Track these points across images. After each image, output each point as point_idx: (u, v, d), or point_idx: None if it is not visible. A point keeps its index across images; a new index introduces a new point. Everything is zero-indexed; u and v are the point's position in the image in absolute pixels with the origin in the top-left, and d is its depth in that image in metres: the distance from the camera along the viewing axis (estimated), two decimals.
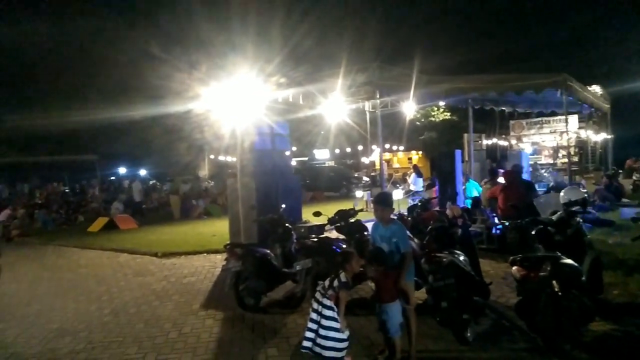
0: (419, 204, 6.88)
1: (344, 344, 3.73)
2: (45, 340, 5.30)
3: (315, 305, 3.79)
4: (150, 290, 7.33)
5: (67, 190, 26.22)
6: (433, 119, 34.02)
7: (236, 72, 10.26)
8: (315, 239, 6.27)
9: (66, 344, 5.16)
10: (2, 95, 34.52)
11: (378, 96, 12.16)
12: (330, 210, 7.00)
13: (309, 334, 3.74)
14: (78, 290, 7.58)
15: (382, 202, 4.42)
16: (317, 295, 3.83)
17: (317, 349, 3.70)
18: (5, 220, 15.39)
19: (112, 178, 36.79)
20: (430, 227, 5.45)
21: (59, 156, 33.16)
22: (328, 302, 3.75)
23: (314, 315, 3.76)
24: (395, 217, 5.01)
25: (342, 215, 6.51)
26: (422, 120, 33.87)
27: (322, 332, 3.71)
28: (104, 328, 5.64)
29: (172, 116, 25.07)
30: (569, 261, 4.27)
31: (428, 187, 11.72)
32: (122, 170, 41.55)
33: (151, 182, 32.27)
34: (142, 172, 42.00)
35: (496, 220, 8.54)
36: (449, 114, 33.47)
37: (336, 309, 3.74)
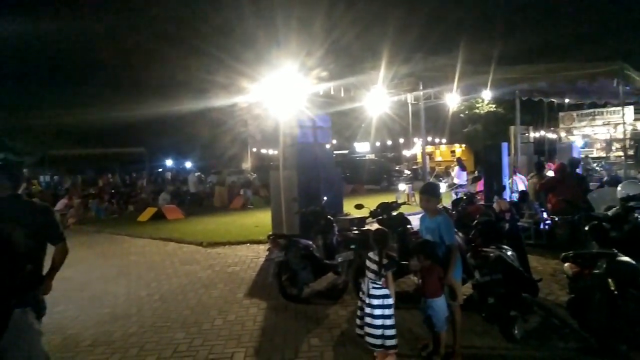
0: (464, 197, 6.73)
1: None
2: (100, 323, 5.58)
3: (376, 302, 3.77)
4: (196, 278, 7.57)
5: (118, 181, 27.36)
6: (477, 111, 33.09)
7: (279, 66, 10.34)
8: (358, 232, 6.26)
9: (119, 327, 5.42)
10: (59, 91, 36.37)
11: (421, 88, 11.93)
12: (371, 203, 6.96)
13: (376, 331, 3.73)
14: (129, 276, 7.92)
15: (428, 191, 4.35)
16: (373, 290, 3.81)
17: (388, 342, 3.73)
18: (62, 209, 16.25)
19: (160, 170, 38.07)
20: (476, 221, 5.33)
21: (110, 149, 34.68)
22: (383, 291, 3.78)
23: (378, 312, 3.75)
24: (442, 209, 4.92)
25: (385, 208, 6.45)
26: (466, 112, 33.02)
27: (388, 322, 3.75)
28: (154, 313, 5.87)
29: (217, 110, 25.64)
30: (627, 259, 4.07)
31: (474, 180, 11.44)
32: (168, 162, 42.97)
33: (196, 174, 33.15)
34: (188, 165, 43.25)
35: (545, 215, 8.23)
36: (494, 105, 32.44)
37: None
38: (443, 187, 13.64)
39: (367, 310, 3.80)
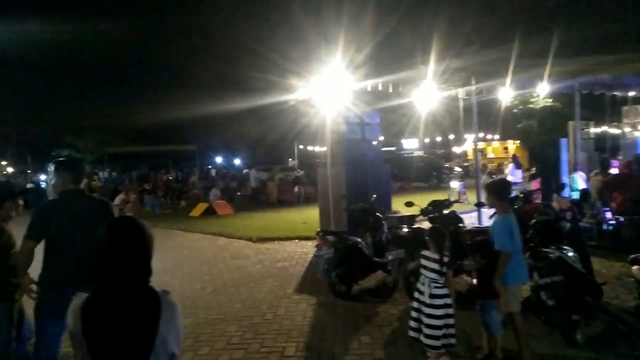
0: (521, 195, 6.46)
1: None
2: None
3: (438, 301, 3.72)
4: (246, 273, 7.72)
5: (170, 178, 28.40)
6: (532, 105, 31.65)
7: (327, 62, 10.34)
8: (409, 230, 6.16)
9: None
10: (116, 93, 38.20)
11: (474, 82, 11.57)
12: (420, 201, 6.82)
13: (437, 332, 3.69)
14: (183, 269, 8.20)
15: (487, 188, 4.24)
16: (435, 290, 3.75)
17: (451, 340, 3.71)
18: (119, 204, 17.07)
19: (209, 167, 39.18)
20: (534, 220, 5.10)
21: (163, 146, 36.08)
22: (444, 290, 3.74)
23: (440, 312, 3.70)
24: (509, 210, 4.62)
25: (436, 205, 6.31)
26: (520, 107, 31.68)
27: (450, 321, 3.72)
28: (207, 305, 6.05)
29: (265, 108, 26.04)
30: None
31: (531, 177, 10.98)
32: (218, 159, 44.13)
33: (244, 171, 33.85)
34: (237, 162, 44.25)
35: (608, 215, 7.77)
36: (550, 100, 30.94)
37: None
38: None
39: (428, 310, 3.73)
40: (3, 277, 3.56)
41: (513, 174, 14.22)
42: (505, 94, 13.98)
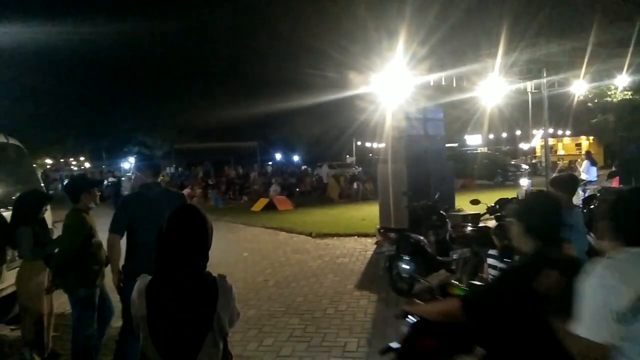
0: (598, 194, 6.05)
1: None
2: None
3: None
4: (307, 267, 7.82)
5: (233, 174, 29.30)
6: (609, 99, 29.56)
7: (388, 57, 10.21)
8: (474, 228, 5.96)
9: (238, 308, 5.78)
10: (181, 91, 39.94)
11: (544, 75, 10.97)
12: (484, 199, 6.57)
13: None
14: (246, 262, 8.44)
15: (554, 184, 4.03)
16: None
17: None
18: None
19: (269, 163, 40.00)
20: None
21: (226, 143, 37.34)
22: None
23: None
24: (577, 205, 4.45)
25: (504, 204, 6.03)
26: (595, 100, 29.70)
27: None
28: (270, 298, 6.18)
29: (324, 105, 26.20)
30: None
31: (609, 176, 10.26)
32: (277, 156, 44.96)
33: (303, 167, 34.26)
34: (295, 158, 44.85)
35: None
36: (629, 93, 28.73)
37: None
38: None
39: None
40: (85, 264, 3.83)
41: (588, 172, 13.36)
42: (579, 87, 13.17)
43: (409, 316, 2.48)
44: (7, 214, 4.33)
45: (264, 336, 4.84)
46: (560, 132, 31.30)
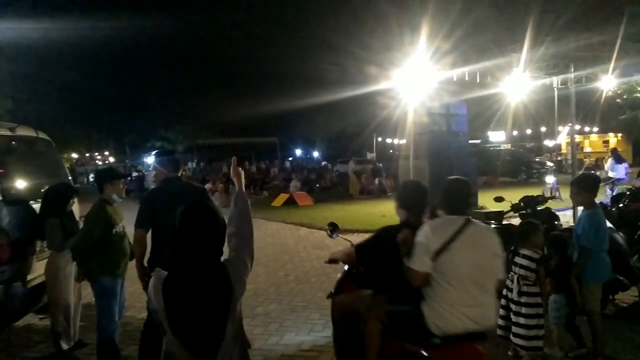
0: (627, 193, 5.87)
1: None
2: (243, 298, 6.03)
3: (531, 300, 3.59)
4: (327, 263, 7.81)
5: (253, 169, 29.51)
6: (639, 94, 28.69)
7: (410, 52, 10.09)
8: (498, 226, 5.86)
9: (260, 302, 5.84)
10: (203, 88, 40.36)
11: (572, 70, 10.69)
12: (508, 196, 6.46)
13: (529, 332, 3.56)
14: (267, 257, 8.49)
15: (576, 183, 3.98)
16: (525, 288, 3.61)
17: (539, 343, 3.59)
18: None
19: (290, 159, 40.14)
20: None
21: (246, 138, 37.60)
22: (535, 288, 3.61)
23: (532, 310, 3.56)
24: (599, 204, 4.37)
25: (529, 201, 5.93)
26: (624, 96, 28.85)
27: (541, 321, 3.60)
28: (290, 293, 6.21)
29: (345, 101, 26.12)
30: None
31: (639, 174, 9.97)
32: (298, 152, 45.07)
33: (323, 163, 34.28)
34: (315, 154, 44.88)
35: None
36: None
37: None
38: None
39: (517, 308, 3.58)
40: (106, 253, 3.91)
41: (614, 169, 13.00)
42: (608, 82, 12.80)
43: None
44: (37, 206, 4.45)
45: (284, 330, 4.87)
46: (587, 128, 30.52)
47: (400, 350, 2.73)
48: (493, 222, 6.49)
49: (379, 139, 40.93)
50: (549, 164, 22.09)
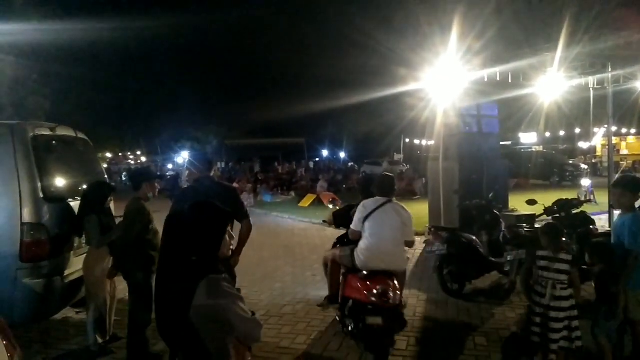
0: None
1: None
2: (271, 297, 6.13)
3: (565, 303, 3.54)
4: None
5: (280, 170, 29.73)
6: None
7: (440, 52, 9.96)
8: (531, 229, 5.74)
9: (288, 302, 5.88)
10: (232, 89, 40.92)
11: (610, 70, 10.34)
12: (541, 199, 6.31)
13: (557, 335, 3.52)
14: (294, 256, 8.55)
15: (619, 184, 3.85)
16: (561, 292, 3.55)
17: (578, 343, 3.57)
18: None
19: (317, 160, 40.23)
20: None
21: (274, 139, 37.90)
22: (569, 291, 3.56)
23: (563, 314, 3.52)
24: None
25: (563, 205, 5.79)
26: None
27: (575, 323, 3.55)
28: (318, 293, 6.22)
29: (373, 102, 26.00)
30: None
31: None
32: (324, 152, 45.13)
33: (350, 164, 34.22)
34: (342, 155, 44.84)
35: None
36: None
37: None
38: None
39: (553, 314, 3.49)
40: (143, 249, 4.02)
41: None
42: None
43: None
44: (75, 204, 4.61)
45: (312, 330, 4.89)
46: (624, 130, 29.46)
47: (345, 278, 4.45)
48: (525, 225, 6.37)
49: (407, 140, 40.57)
50: (583, 166, 21.47)
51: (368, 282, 3.97)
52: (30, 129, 4.58)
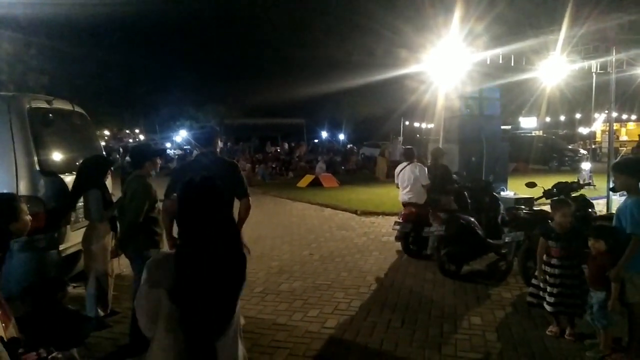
0: None
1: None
2: (268, 275, 6.14)
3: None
4: (352, 244, 7.83)
5: (279, 150, 29.62)
6: None
7: (441, 34, 9.82)
8: (530, 211, 5.73)
9: (285, 279, 5.90)
10: (231, 68, 40.51)
11: (614, 53, 10.20)
12: (539, 183, 6.29)
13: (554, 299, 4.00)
14: (292, 236, 8.56)
15: (616, 167, 3.83)
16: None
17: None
18: None
19: (315, 141, 40.05)
20: None
21: (273, 119, 37.69)
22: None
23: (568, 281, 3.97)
24: None
25: (562, 188, 5.76)
26: None
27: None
28: (314, 271, 6.25)
29: (373, 84, 25.74)
30: None
31: None
32: (324, 134, 44.91)
33: (349, 146, 34.10)
34: (341, 137, 44.66)
35: None
36: None
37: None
38: None
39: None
40: (149, 226, 3.99)
41: None
42: None
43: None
44: (71, 178, 4.56)
45: (309, 307, 4.91)
46: (624, 116, 29.35)
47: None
48: (523, 207, 6.36)
49: (406, 123, 40.34)
50: (582, 151, 21.44)
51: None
52: (27, 101, 4.52)
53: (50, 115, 4.73)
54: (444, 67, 9.58)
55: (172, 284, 1.73)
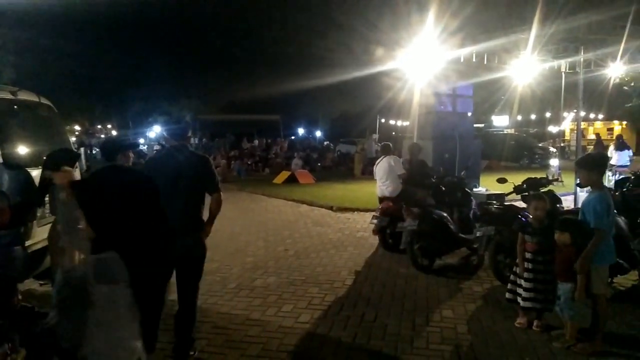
0: (632, 177, 5.85)
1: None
2: (243, 270, 6.09)
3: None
4: (327, 240, 7.85)
5: (255, 146, 29.42)
6: None
7: (416, 32, 9.91)
8: (500, 207, 5.85)
9: (259, 275, 5.86)
10: (206, 64, 40.00)
11: (582, 52, 10.50)
12: (510, 179, 6.43)
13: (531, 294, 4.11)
14: (267, 231, 8.51)
15: (579, 163, 3.97)
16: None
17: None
18: None
19: (292, 137, 39.91)
20: None
21: (248, 115, 37.36)
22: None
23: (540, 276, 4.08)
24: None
25: (532, 184, 5.89)
26: (632, 84, 28.50)
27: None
28: (289, 267, 6.24)
29: (349, 81, 25.79)
30: None
31: None
32: (300, 130, 44.84)
33: (325, 143, 34.14)
34: (318, 134, 44.66)
35: None
36: None
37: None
38: None
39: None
40: None
41: (614, 156, 12.96)
42: (616, 69, 12.65)
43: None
44: (37, 172, 4.42)
45: (283, 302, 4.90)
46: (592, 115, 30.27)
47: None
48: (494, 202, 6.49)
49: (382, 121, 40.64)
50: (552, 149, 22.01)
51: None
52: None
53: (15, 106, 4.57)
54: (419, 65, 9.68)
55: None
